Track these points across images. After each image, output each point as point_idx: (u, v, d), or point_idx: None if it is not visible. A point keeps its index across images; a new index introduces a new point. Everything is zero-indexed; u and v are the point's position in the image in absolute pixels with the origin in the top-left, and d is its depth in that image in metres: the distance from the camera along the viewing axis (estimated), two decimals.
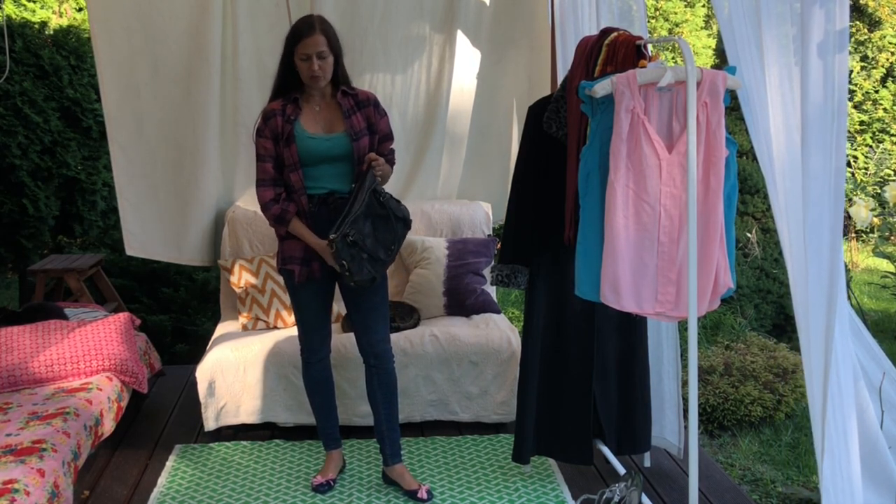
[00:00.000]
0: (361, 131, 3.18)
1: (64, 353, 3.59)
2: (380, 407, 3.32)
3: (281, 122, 3.11)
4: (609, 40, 2.78)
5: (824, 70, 2.08)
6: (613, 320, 3.26)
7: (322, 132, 3.15)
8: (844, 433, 2.18)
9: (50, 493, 2.70)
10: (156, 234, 4.41)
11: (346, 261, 3.03)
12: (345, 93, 3.20)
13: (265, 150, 3.14)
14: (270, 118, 3.13)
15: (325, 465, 3.46)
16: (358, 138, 3.16)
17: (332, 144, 3.14)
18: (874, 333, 3.28)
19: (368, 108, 3.22)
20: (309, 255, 3.18)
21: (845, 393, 2.19)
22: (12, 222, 5.88)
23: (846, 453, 2.17)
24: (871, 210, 3.28)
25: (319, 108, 3.19)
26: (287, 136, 3.10)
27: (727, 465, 3.82)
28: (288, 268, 3.22)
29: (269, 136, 3.13)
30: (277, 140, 3.12)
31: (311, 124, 3.15)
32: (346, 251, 3.02)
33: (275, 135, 3.12)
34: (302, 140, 3.11)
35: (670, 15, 9.34)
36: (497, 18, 4.61)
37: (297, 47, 3.05)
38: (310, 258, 3.18)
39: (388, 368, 3.30)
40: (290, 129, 3.11)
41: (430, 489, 3.31)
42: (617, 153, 2.50)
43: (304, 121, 3.15)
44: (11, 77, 5.70)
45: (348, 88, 3.21)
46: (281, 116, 3.12)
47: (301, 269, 3.19)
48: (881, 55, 9.00)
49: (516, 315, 5.86)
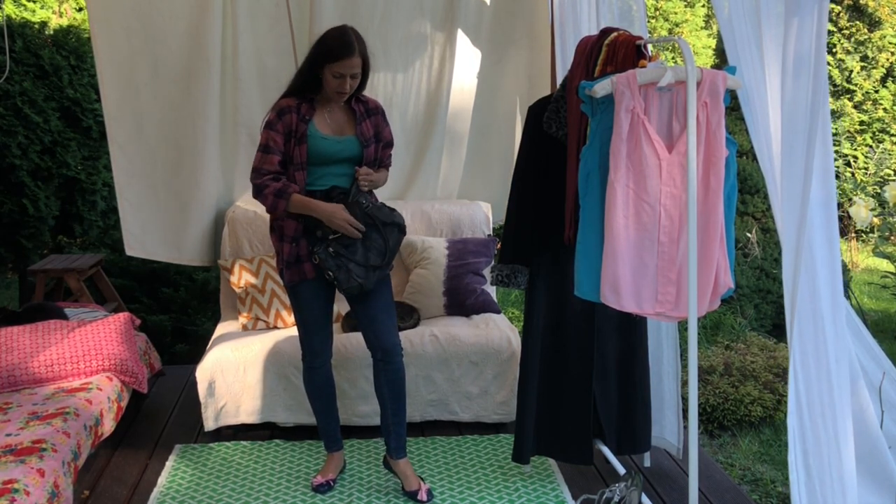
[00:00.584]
0: (371, 139, 3.22)
1: (64, 353, 3.59)
2: (387, 402, 3.28)
3: (296, 120, 3.11)
4: (609, 40, 2.78)
5: (804, 78, 2.09)
6: (613, 320, 3.26)
7: (333, 134, 3.17)
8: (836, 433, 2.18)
9: (50, 493, 2.70)
10: (156, 234, 4.40)
11: (332, 271, 3.09)
12: (357, 99, 3.23)
13: (275, 143, 3.11)
14: (285, 114, 3.12)
15: (326, 466, 3.46)
16: (368, 145, 3.20)
17: (342, 147, 3.16)
18: (874, 333, 3.28)
19: (377, 117, 3.26)
20: (297, 257, 3.18)
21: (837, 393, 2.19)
22: (12, 222, 5.88)
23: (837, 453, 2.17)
24: (871, 210, 3.28)
25: (332, 110, 3.20)
26: (300, 136, 3.11)
27: (727, 465, 3.82)
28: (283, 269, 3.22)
29: (282, 131, 3.11)
30: (289, 137, 3.12)
31: (324, 125, 3.16)
32: (331, 262, 3.09)
33: (287, 131, 3.12)
34: (314, 140, 3.12)
35: (670, 15, 9.35)
36: (497, 18, 4.61)
37: (334, 65, 3.03)
38: (298, 260, 3.18)
39: (396, 362, 3.26)
40: (304, 129, 3.11)
41: (430, 489, 3.31)
42: (617, 153, 2.50)
43: (317, 121, 3.16)
44: (11, 77, 5.70)
45: (360, 95, 3.25)
46: (296, 114, 3.12)
47: (291, 272, 3.19)
48: (881, 55, 9.00)
49: (516, 315, 5.86)
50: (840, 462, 2.17)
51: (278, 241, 3.22)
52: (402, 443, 3.32)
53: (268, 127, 3.13)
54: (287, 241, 3.18)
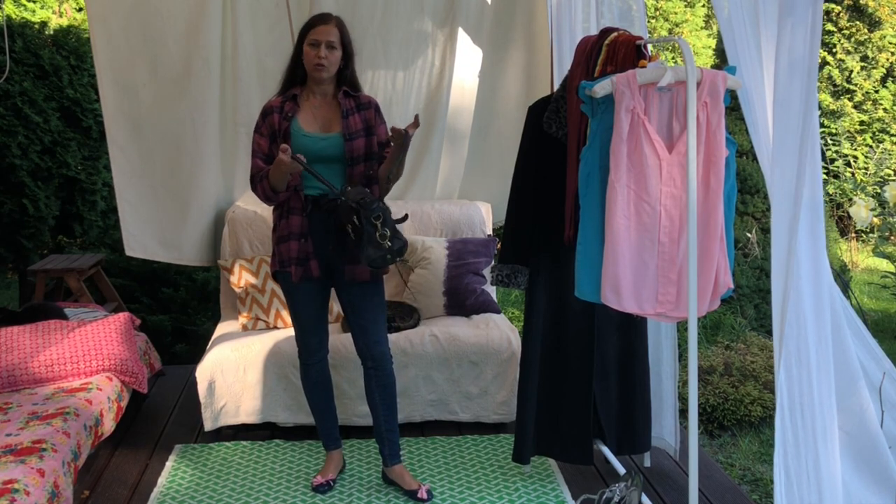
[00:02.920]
0: (357, 132, 3.14)
1: (64, 353, 3.59)
2: (378, 409, 3.30)
3: (278, 120, 3.10)
4: (609, 40, 2.78)
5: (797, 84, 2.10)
6: (613, 320, 3.26)
7: (318, 131, 3.14)
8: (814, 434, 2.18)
9: (50, 493, 2.70)
10: (155, 234, 4.40)
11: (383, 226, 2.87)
12: (346, 93, 3.18)
13: (258, 146, 3.13)
14: (268, 115, 3.13)
15: (325, 466, 3.46)
16: (352, 139, 3.12)
17: (326, 144, 3.12)
18: (874, 333, 3.27)
19: (369, 111, 3.20)
20: (304, 254, 3.16)
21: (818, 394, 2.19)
22: (12, 222, 5.89)
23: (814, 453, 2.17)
24: (871, 210, 3.28)
25: (319, 106, 3.17)
26: (283, 134, 3.09)
27: (727, 465, 3.82)
28: (286, 270, 3.20)
29: (266, 133, 3.13)
30: (274, 137, 3.11)
31: (309, 122, 3.14)
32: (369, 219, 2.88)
33: (272, 131, 3.12)
34: (297, 138, 3.09)
35: (670, 15, 9.34)
36: (497, 18, 4.61)
37: (309, 33, 3.08)
38: (306, 257, 3.17)
39: (387, 370, 3.27)
40: (287, 127, 3.10)
41: (430, 489, 3.31)
42: (617, 153, 2.50)
43: (301, 118, 3.13)
44: (11, 77, 5.70)
45: (351, 90, 3.19)
46: (279, 113, 3.11)
47: (297, 268, 3.17)
48: (881, 55, 9.00)
49: (516, 315, 5.86)
50: (817, 463, 2.17)
51: (284, 240, 3.19)
52: (396, 449, 3.34)
53: (255, 130, 3.16)
54: (294, 238, 3.16)
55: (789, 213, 2.15)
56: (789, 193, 2.14)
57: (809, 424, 2.18)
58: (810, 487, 2.17)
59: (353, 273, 3.17)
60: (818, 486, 2.17)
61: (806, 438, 2.17)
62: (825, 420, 2.19)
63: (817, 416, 2.18)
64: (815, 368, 2.19)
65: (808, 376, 2.19)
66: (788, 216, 2.15)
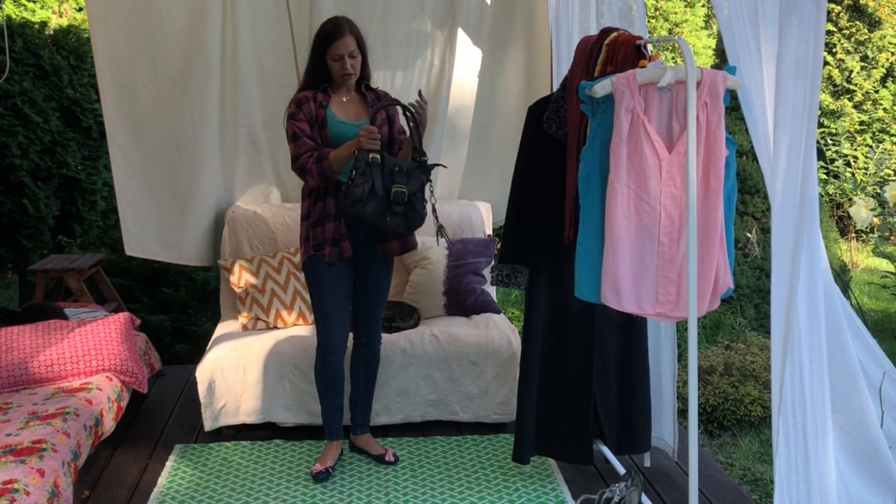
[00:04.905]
0: (383, 120, 3.39)
1: (64, 353, 3.59)
2: (360, 380, 3.57)
3: (314, 108, 3.28)
4: (609, 40, 2.78)
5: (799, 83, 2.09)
6: (613, 320, 3.26)
7: (350, 119, 3.33)
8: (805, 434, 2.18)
9: (50, 493, 2.70)
10: (155, 234, 4.40)
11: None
12: (368, 87, 3.43)
13: (301, 130, 3.26)
14: (304, 104, 3.29)
15: (324, 454, 3.52)
16: (380, 126, 3.34)
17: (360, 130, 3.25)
18: (874, 333, 3.28)
19: (389, 103, 3.41)
20: (338, 234, 3.30)
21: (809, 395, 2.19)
22: (12, 222, 5.88)
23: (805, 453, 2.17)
24: (871, 210, 3.28)
25: (346, 98, 3.38)
26: (321, 121, 3.27)
27: (727, 465, 3.82)
28: (320, 252, 3.30)
29: (305, 118, 3.27)
30: (312, 124, 3.27)
31: (341, 112, 3.34)
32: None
33: (310, 118, 3.27)
34: (334, 125, 3.29)
35: (670, 15, 9.35)
36: (497, 18, 4.61)
37: (330, 49, 3.26)
38: (339, 238, 3.30)
39: (376, 347, 3.58)
40: (324, 114, 3.28)
41: (395, 452, 3.60)
42: (617, 153, 2.50)
43: (334, 107, 3.33)
44: (11, 77, 5.70)
45: (371, 86, 3.44)
46: (313, 102, 3.29)
47: (331, 249, 3.29)
48: (881, 55, 9.00)
49: (516, 315, 5.86)
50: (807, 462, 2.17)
51: (319, 223, 3.30)
52: (367, 420, 3.66)
53: (291, 118, 3.29)
54: (330, 220, 3.29)
55: (793, 214, 2.14)
56: (793, 193, 2.14)
57: (801, 424, 2.18)
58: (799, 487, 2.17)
59: (384, 249, 3.40)
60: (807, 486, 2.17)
61: (796, 437, 2.18)
62: (816, 421, 2.19)
63: (808, 416, 2.19)
64: (808, 369, 2.19)
65: (800, 377, 2.19)
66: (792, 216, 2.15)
